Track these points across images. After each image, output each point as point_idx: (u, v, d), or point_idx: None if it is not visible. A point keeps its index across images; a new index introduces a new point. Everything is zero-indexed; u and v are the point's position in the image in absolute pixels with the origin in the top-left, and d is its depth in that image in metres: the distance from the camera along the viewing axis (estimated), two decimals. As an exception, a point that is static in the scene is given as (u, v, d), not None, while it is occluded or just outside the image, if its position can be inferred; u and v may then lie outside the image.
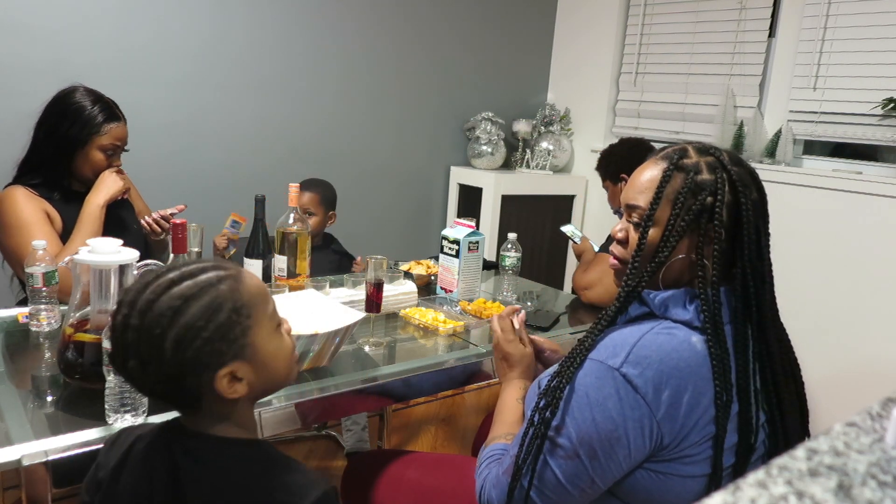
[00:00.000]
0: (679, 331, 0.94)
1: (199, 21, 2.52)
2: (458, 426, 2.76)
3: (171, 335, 0.77)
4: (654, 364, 0.90)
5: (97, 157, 1.76)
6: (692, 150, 1.01)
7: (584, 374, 0.93)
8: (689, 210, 0.96)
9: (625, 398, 0.89)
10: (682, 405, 0.90)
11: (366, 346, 1.51)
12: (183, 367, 0.78)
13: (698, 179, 0.97)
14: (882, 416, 0.51)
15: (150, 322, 0.78)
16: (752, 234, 0.96)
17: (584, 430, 0.90)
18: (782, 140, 2.70)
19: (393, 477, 1.37)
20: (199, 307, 0.79)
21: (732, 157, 1.00)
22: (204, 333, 0.78)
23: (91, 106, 1.74)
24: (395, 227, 3.26)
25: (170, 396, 0.84)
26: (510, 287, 2.02)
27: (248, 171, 2.74)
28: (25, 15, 2.19)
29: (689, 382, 0.90)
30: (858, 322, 2.40)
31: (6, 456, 0.95)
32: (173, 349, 0.77)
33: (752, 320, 0.96)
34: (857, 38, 2.48)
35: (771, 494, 0.39)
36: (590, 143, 3.42)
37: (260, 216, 1.69)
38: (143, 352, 0.78)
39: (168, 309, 0.78)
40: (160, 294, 0.79)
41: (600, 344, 0.95)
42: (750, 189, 0.97)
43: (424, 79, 3.17)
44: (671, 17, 3.12)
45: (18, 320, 1.48)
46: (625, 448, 0.89)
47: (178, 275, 0.81)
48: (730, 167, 0.97)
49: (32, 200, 1.72)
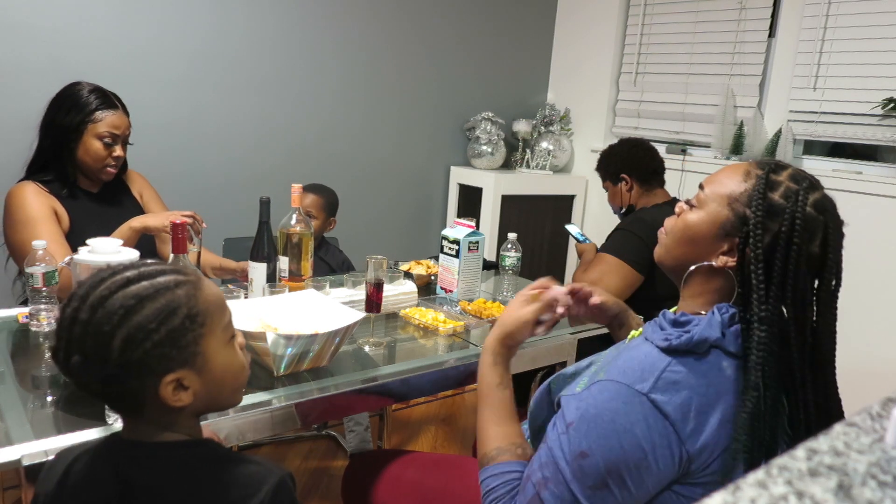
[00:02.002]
0: (712, 355, 0.90)
1: (198, 20, 2.52)
2: (458, 426, 2.75)
3: (120, 334, 0.75)
4: (684, 390, 0.87)
5: (95, 146, 1.75)
6: (789, 172, 0.96)
7: (611, 399, 0.88)
8: (741, 218, 0.93)
9: (654, 426, 0.86)
10: (710, 432, 0.87)
11: (366, 346, 1.51)
12: (128, 368, 0.76)
13: (769, 197, 0.92)
14: (882, 416, 0.51)
15: (101, 318, 0.75)
16: (792, 281, 0.90)
17: (613, 458, 0.86)
18: (782, 140, 2.70)
19: (393, 477, 1.37)
20: (153, 309, 0.77)
21: (820, 202, 0.93)
22: (155, 336, 0.76)
23: (87, 95, 1.75)
24: (395, 227, 3.26)
25: (111, 398, 0.81)
26: (510, 287, 2.02)
27: (248, 171, 2.74)
28: (24, 14, 2.19)
29: (718, 409, 0.88)
30: (858, 322, 2.40)
31: (6, 456, 0.95)
32: (121, 349, 0.75)
33: (783, 368, 0.90)
34: (857, 38, 2.48)
35: (771, 494, 0.39)
36: (590, 143, 3.42)
37: (265, 218, 1.63)
38: (87, 348, 0.75)
39: (121, 307, 0.76)
40: (114, 291, 0.77)
41: (626, 364, 0.91)
42: (812, 239, 0.91)
43: (424, 79, 3.17)
44: (671, 17, 3.12)
45: (18, 320, 1.48)
46: (654, 476, 0.87)
47: (135, 274, 0.79)
48: (804, 205, 0.91)
49: (41, 196, 1.72)
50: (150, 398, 0.79)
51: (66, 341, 0.77)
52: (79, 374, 0.77)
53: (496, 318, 1.72)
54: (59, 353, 0.78)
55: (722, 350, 0.90)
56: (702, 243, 0.97)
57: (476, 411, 1.10)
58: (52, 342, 0.79)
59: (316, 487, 2.26)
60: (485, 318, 1.73)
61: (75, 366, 0.76)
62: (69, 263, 1.31)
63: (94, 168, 1.78)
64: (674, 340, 0.89)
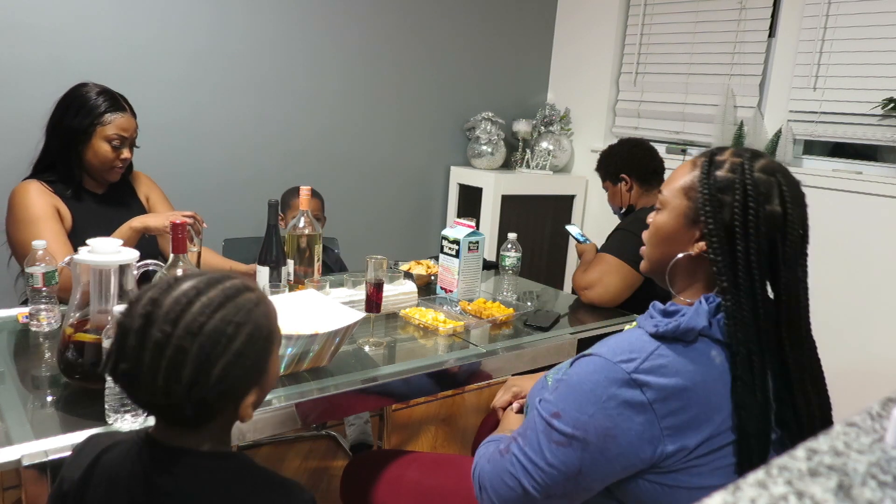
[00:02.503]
0: (700, 343, 0.93)
1: (198, 20, 2.52)
2: (458, 426, 2.75)
3: (220, 363, 0.75)
4: (670, 375, 0.89)
5: (103, 149, 1.75)
6: (730, 151, 1.00)
7: (594, 371, 0.92)
8: (698, 202, 0.97)
9: (630, 402, 0.89)
10: (692, 417, 0.90)
11: (366, 346, 1.51)
12: (223, 393, 0.76)
13: (717, 175, 0.97)
14: (882, 416, 0.51)
15: (203, 345, 0.74)
16: (756, 245, 0.93)
17: (582, 421, 0.91)
18: (782, 140, 2.70)
19: (393, 477, 1.37)
20: (246, 334, 0.78)
21: (768, 165, 0.97)
22: (247, 362, 0.78)
23: (95, 97, 1.75)
24: (395, 227, 3.26)
25: (178, 413, 0.77)
26: (510, 287, 2.02)
27: (247, 171, 2.74)
28: (24, 14, 2.19)
29: (702, 396, 0.90)
30: (858, 322, 2.40)
31: (6, 456, 0.95)
32: (219, 377, 0.75)
33: (763, 333, 0.93)
34: (857, 38, 2.48)
35: (771, 494, 0.39)
36: (590, 143, 3.42)
37: (273, 221, 1.60)
38: (185, 374, 0.74)
39: (222, 335, 0.76)
40: (210, 315, 0.76)
41: (615, 343, 0.95)
42: (769, 199, 0.94)
43: (424, 79, 3.17)
44: (671, 17, 3.12)
45: (18, 320, 1.48)
46: (618, 446, 0.90)
47: (219, 294, 0.78)
48: (751, 171, 0.95)
49: (44, 196, 1.72)
50: (221, 416, 0.80)
51: (155, 364, 0.74)
52: (161, 395, 0.75)
53: (496, 318, 1.72)
54: (141, 374, 0.75)
55: (710, 339, 0.93)
56: (675, 238, 1.01)
57: (476, 411, 1.14)
58: (114, 355, 0.76)
59: (316, 487, 2.26)
60: (485, 318, 1.73)
61: (161, 389, 0.74)
62: (69, 263, 1.30)
63: (102, 170, 1.78)
64: (661, 327, 0.93)
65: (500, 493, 0.98)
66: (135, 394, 0.79)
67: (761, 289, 0.94)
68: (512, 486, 0.96)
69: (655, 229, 1.05)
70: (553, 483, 0.93)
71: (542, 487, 0.93)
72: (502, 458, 0.99)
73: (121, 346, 0.77)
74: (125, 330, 0.77)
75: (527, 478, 0.94)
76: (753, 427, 0.91)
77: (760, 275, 0.94)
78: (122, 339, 0.77)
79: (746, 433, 0.90)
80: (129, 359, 0.76)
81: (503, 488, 0.97)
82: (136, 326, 0.76)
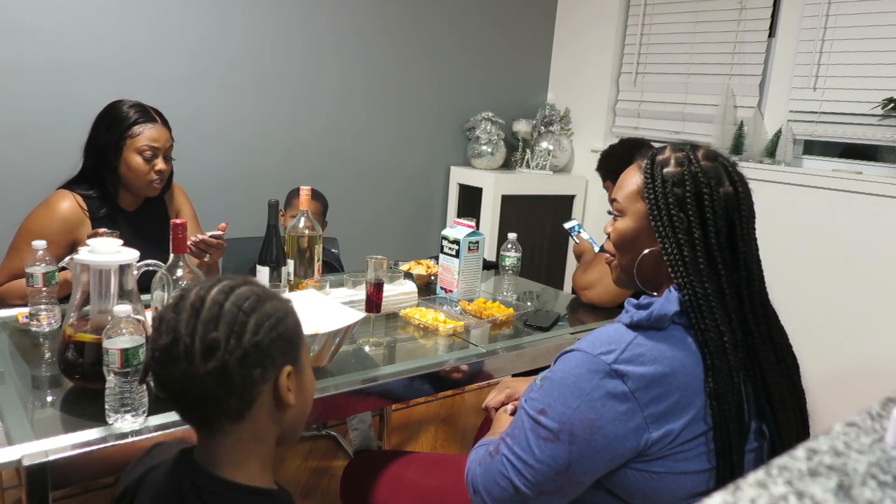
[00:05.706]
0: (675, 331, 0.96)
1: (198, 20, 2.52)
2: (457, 426, 2.76)
3: (254, 318, 0.79)
4: (649, 363, 0.92)
5: (136, 161, 1.72)
6: (669, 148, 1.05)
7: (576, 366, 0.95)
8: (656, 201, 1.00)
9: (613, 391, 0.91)
10: (674, 402, 0.92)
11: (366, 346, 1.51)
12: (259, 356, 0.78)
13: (665, 172, 1.00)
14: (882, 416, 0.51)
15: (237, 301, 0.80)
16: (715, 228, 0.97)
17: (568, 415, 0.93)
18: (782, 140, 2.70)
19: (393, 477, 1.37)
20: (272, 306, 0.82)
21: (708, 153, 1.03)
22: (280, 327, 0.81)
23: (126, 110, 1.74)
24: (395, 227, 3.26)
25: (222, 395, 0.77)
26: (510, 287, 2.02)
27: (247, 171, 2.74)
28: (24, 14, 2.19)
29: (682, 382, 0.93)
30: (858, 322, 2.40)
31: (6, 456, 0.95)
32: (254, 329, 0.79)
33: (731, 313, 0.97)
34: (857, 38, 2.48)
35: (771, 494, 0.39)
36: (590, 143, 3.42)
37: (273, 222, 1.59)
38: (221, 328, 0.77)
39: (252, 295, 0.82)
40: (227, 294, 0.81)
41: (594, 337, 0.98)
42: (720, 182, 0.99)
43: (424, 79, 3.17)
44: (671, 17, 3.12)
45: (18, 320, 1.48)
46: (604, 437, 0.91)
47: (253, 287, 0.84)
48: (697, 161, 1.00)
49: (67, 224, 1.70)
50: (261, 395, 0.80)
51: (188, 323, 0.77)
52: (204, 358, 0.76)
53: (496, 318, 1.72)
54: (177, 336, 0.77)
55: (682, 326, 0.96)
56: (639, 241, 1.05)
57: (476, 411, 1.15)
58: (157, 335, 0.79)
59: (316, 487, 2.26)
60: (485, 318, 1.73)
61: (200, 351, 0.76)
62: (69, 264, 1.30)
63: (138, 184, 1.76)
64: (635, 317, 0.96)
65: (493, 494, 0.99)
66: (173, 372, 0.77)
67: (725, 269, 0.97)
68: (504, 486, 0.97)
69: (619, 235, 1.07)
70: (544, 479, 0.94)
71: (533, 485, 0.95)
72: (492, 459, 1.00)
73: (158, 327, 0.80)
74: (161, 315, 0.80)
75: (518, 476, 0.96)
76: (732, 411, 0.93)
77: (722, 257, 0.97)
78: (159, 322, 0.80)
79: (725, 418, 0.93)
80: (167, 331, 0.78)
81: (495, 489, 0.98)
82: (172, 305, 0.81)
